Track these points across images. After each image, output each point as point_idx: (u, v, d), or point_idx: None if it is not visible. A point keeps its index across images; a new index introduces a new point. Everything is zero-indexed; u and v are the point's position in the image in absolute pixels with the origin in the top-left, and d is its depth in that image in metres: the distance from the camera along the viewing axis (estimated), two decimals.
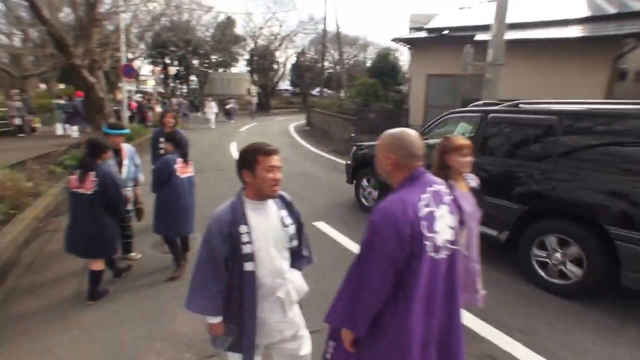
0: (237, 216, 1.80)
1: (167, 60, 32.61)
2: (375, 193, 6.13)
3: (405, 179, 1.62)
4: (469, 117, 4.73)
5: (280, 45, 36.09)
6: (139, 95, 23.34)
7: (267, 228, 1.84)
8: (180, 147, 4.06)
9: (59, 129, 14.29)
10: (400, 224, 1.47)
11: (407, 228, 1.47)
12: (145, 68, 34.05)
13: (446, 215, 1.61)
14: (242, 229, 1.77)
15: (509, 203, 4.02)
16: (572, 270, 3.65)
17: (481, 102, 5.12)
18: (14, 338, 3.07)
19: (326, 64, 46.63)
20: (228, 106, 24.79)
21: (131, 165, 4.57)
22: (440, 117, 5.14)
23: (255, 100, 29.84)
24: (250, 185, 1.82)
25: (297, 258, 2.03)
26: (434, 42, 12.15)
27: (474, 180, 2.85)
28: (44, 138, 13.43)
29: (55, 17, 10.93)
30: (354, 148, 6.76)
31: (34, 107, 15.45)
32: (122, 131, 4.38)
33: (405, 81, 16.45)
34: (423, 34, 12.77)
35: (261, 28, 34.10)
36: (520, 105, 4.14)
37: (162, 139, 5.10)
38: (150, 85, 43.03)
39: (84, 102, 12.20)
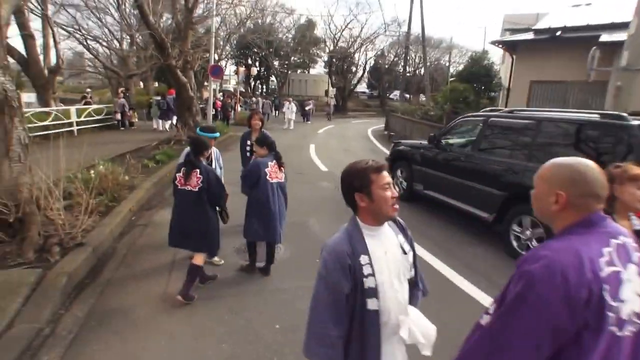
0: (356, 245, 1.57)
1: (249, 62, 34.08)
2: (405, 183, 7.33)
3: (577, 224, 1.19)
4: (475, 120, 6.17)
5: (360, 47, 35.76)
6: (220, 94, 24.56)
7: (388, 257, 1.60)
8: (273, 149, 4.00)
9: (155, 123, 15.45)
10: (573, 285, 1.05)
11: (583, 291, 1.04)
12: (228, 69, 36.04)
13: (635, 279, 1.15)
14: (364, 259, 1.54)
15: (497, 190, 5.12)
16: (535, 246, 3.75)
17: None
18: (107, 337, 3.09)
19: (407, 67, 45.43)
20: (307, 107, 25.03)
21: (217, 167, 4.62)
22: (456, 120, 6.64)
23: (333, 102, 29.85)
24: (366, 209, 1.59)
25: (413, 290, 1.72)
26: (542, 44, 10.76)
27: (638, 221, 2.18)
28: (140, 132, 14.58)
29: (158, 22, 11.75)
30: (393, 145, 8.40)
31: (133, 104, 16.89)
32: (215, 134, 4.39)
33: (496, 87, 15.08)
34: (529, 36, 11.41)
35: (342, 30, 34.05)
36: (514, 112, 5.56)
37: (249, 142, 5.23)
38: (232, 85, 45.51)
39: (175, 100, 12.98)
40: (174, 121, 14.25)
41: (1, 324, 3.01)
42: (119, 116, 15.02)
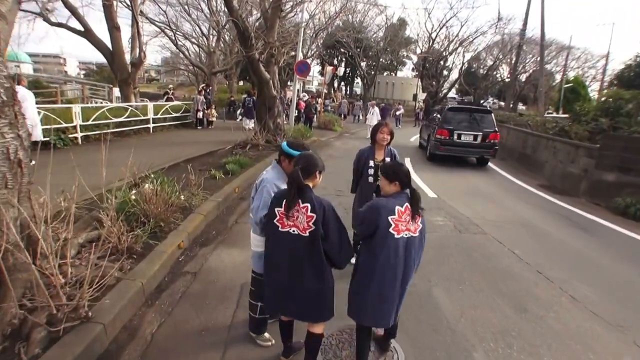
0: None
1: (335, 62, 32.48)
2: None
3: None
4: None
5: (457, 48, 32.15)
6: (304, 94, 23.21)
7: None
8: (407, 185, 2.44)
9: (244, 122, 14.22)
10: None
11: None
12: (312, 69, 34.88)
13: None
14: None
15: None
16: None
17: None
18: None
19: (502, 71, 40.47)
20: (398, 112, 22.74)
21: None
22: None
23: (422, 106, 27.04)
24: None
25: None
26: None
27: None
28: (217, 132, 13.47)
29: (242, 9, 10.35)
30: None
31: (214, 101, 16.01)
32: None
33: None
34: None
35: (440, 27, 30.79)
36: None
37: (371, 162, 3.95)
38: (314, 85, 44.53)
39: (256, 98, 11.53)
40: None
41: None
42: (200, 114, 14.15)
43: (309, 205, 2.23)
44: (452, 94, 45.24)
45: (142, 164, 5.78)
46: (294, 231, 2.26)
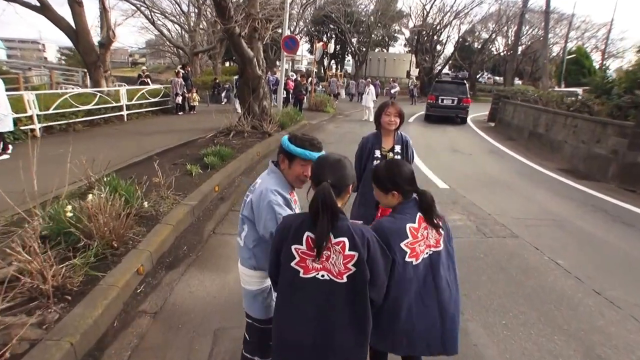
0: None
1: (325, 39, 30.94)
2: None
3: None
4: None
5: (451, 20, 30.72)
6: (292, 74, 21.91)
7: None
8: (413, 189, 1.78)
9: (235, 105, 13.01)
10: None
11: None
12: (300, 48, 33.26)
13: None
14: None
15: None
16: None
17: None
18: None
19: (497, 44, 39.27)
20: (393, 90, 21.67)
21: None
22: None
23: (417, 84, 25.95)
24: None
25: None
26: None
27: None
28: (199, 118, 12.29)
29: None
30: None
31: (195, 84, 14.72)
32: (319, 154, 1.84)
33: None
34: None
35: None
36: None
37: (377, 153, 3.10)
38: (304, 65, 42.93)
39: (238, 79, 10.33)
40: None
41: None
42: (179, 99, 12.89)
43: (346, 240, 1.47)
44: (446, 69, 44.02)
45: (103, 161, 4.73)
46: (323, 276, 1.50)
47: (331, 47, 24.38)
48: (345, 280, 1.48)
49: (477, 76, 36.72)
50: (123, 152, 7.06)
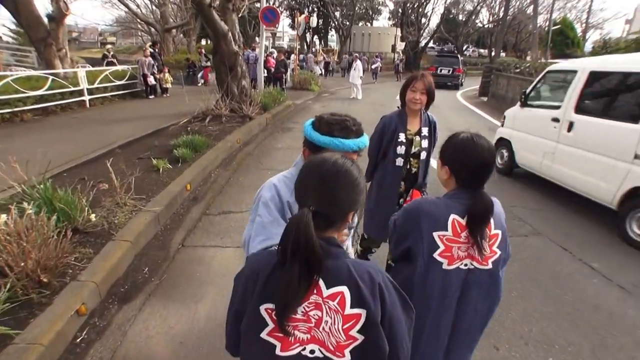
0: None
1: (307, 13, 29.45)
2: None
3: None
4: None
5: None
6: (272, 50, 20.75)
7: None
8: (477, 183, 1.34)
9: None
10: None
11: None
12: (281, 24, 31.72)
13: None
14: None
15: None
16: None
17: None
18: None
19: (481, 16, 38.39)
20: (374, 65, 20.77)
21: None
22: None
23: (403, 58, 25.11)
24: None
25: None
26: None
27: None
28: (172, 102, 11.23)
29: None
30: None
31: (168, 63, 13.53)
32: (363, 142, 1.34)
33: None
34: None
35: None
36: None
37: (402, 137, 2.48)
38: (285, 42, 41.29)
39: (212, 57, 9.30)
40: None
41: None
42: (150, 80, 11.75)
43: (346, 290, 0.90)
44: (431, 43, 42.98)
45: (47, 158, 3.86)
46: (313, 352, 0.91)
47: (313, 21, 23.09)
48: (347, 358, 0.90)
49: (463, 49, 35.81)
50: (79, 146, 6.12)
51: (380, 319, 0.90)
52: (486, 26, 38.37)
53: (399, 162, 2.47)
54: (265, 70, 13.46)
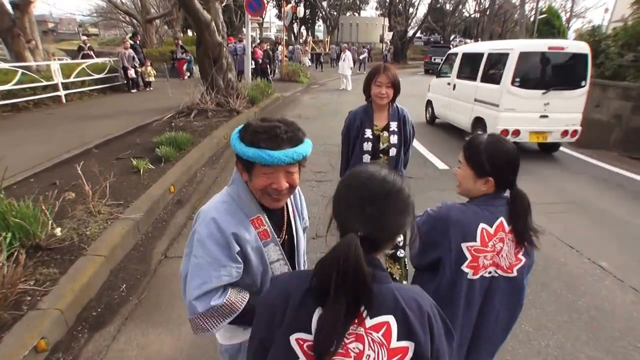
0: None
1: (293, 2, 28.82)
2: None
3: None
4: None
5: None
6: (259, 41, 20.22)
7: None
8: (506, 182, 1.32)
9: None
10: None
11: None
12: (268, 14, 31.02)
13: None
14: None
15: None
16: None
17: None
18: None
19: (468, 5, 38.24)
20: (362, 56, 20.49)
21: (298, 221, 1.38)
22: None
23: (390, 48, 24.92)
24: None
25: None
26: None
27: None
28: (156, 96, 10.77)
29: None
30: None
31: (151, 56, 12.98)
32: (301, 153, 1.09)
33: None
34: None
35: None
36: None
37: (367, 132, 2.42)
38: (273, 33, 40.55)
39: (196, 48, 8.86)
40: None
41: None
42: (132, 73, 11.21)
43: (392, 320, 0.78)
44: (418, 33, 42.73)
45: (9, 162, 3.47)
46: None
47: (300, 11, 22.59)
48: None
49: (450, 39, 35.63)
50: (52, 145, 5.70)
51: (431, 352, 0.80)
52: (472, 16, 38.34)
53: (366, 159, 2.41)
54: (253, 62, 13.02)
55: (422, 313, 0.80)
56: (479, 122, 6.33)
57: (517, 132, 5.74)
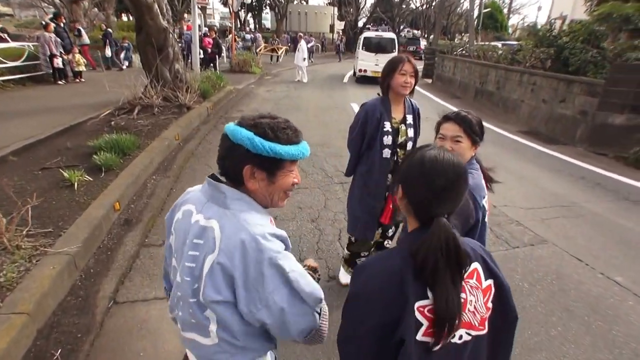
0: None
1: None
2: None
3: None
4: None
5: None
6: (205, 29, 18.89)
7: None
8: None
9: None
10: None
11: None
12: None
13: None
14: None
15: None
16: None
17: None
18: None
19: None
20: (309, 44, 19.95)
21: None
22: None
23: (343, 38, 24.65)
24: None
25: None
26: None
27: None
28: (89, 88, 9.44)
29: None
30: None
31: (74, 42, 11.42)
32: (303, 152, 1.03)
33: None
34: None
35: None
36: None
37: (387, 126, 2.32)
38: (217, 20, 38.58)
39: (136, 35, 7.76)
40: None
41: None
42: (58, 62, 9.70)
43: (478, 265, 0.94)
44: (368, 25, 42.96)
45: None
46: (461, 338, 0.91)
47: None
48: (486, 330, 0.94)
49: (398, 30, 36.09)
50: None
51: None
52: (418, 8, 39.12)
53: (386, 153, 2.32)
54: (201, 51, 11.96)
55: (488, 253, 0.99)
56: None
57: (365, 70, 13.40)
